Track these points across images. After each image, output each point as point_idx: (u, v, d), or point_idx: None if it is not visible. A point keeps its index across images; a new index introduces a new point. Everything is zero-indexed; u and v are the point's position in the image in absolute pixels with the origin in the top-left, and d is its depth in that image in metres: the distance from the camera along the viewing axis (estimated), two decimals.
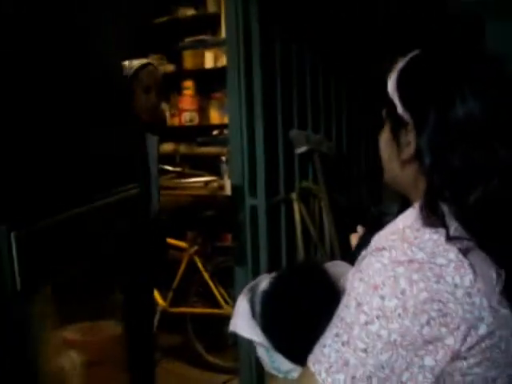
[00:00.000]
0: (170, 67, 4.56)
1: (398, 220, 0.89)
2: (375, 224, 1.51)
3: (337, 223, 2.61)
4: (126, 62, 2.44)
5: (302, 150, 2.37)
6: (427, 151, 0.88)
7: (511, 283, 0.83)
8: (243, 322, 0.98)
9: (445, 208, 0.85)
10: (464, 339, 0.80)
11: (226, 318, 3.83)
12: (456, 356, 0.81)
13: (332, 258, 2.54)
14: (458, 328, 0.79)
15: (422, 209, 0.86)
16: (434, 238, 0.82)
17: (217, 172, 4.32)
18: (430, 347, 0.80)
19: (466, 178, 0.85)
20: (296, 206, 2.38)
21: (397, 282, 0.80)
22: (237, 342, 3.50)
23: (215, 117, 4.47)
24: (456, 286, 0.79)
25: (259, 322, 0.97)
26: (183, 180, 4.02)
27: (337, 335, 0.84)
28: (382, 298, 0.81)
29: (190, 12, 4.35)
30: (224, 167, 3.68)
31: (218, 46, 3.00)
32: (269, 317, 0.97)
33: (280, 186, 2.31)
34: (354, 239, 1.37)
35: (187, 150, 4.38)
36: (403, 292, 0.80)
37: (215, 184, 3.99)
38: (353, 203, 2.91)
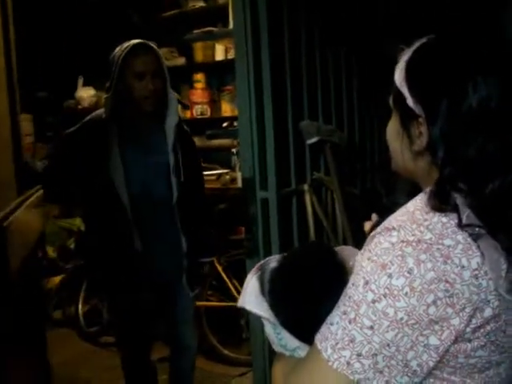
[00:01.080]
0: (181, 60, 4.56)
1: (409, 204, 0.90)
2: (388, 214, 1.50)
3: (349, 215, 2.58)
4: (119, 46, 2.29)
5: (312, 140, 2.33)
6: (440, 143, 0.87)
7: None
8: (251, 298, 0.98)
9: (456, 196, 0.85)
10: (469, 320, 0.81)
11: (240, 311, 3.83)
12: (460, 337, 0.81)
13: None
14: (464, 309, 0.80)
15: (431, 196, 0.85)
16: (443, 220, 0.83)
17: (229, 165, 4.31)
18: (436, 327, 0.81)
19: (482, 171, 0.84)
20: (308, 198, 2.36)
21: (404, 261, 0.81)
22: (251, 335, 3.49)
23: (227, 109, 4.47)
24: (463, 267, 0.80)
25: (267, 298, 0.97)
26: None
27: (344, 313, 0.85)
28: (390, 276, 0.81)
29: (200, 4, 4.34)
30: (235, 159, 3.66)
31: (226, 37, 2.97)
32: (277, 293, 0.96)
33: (291, 178, 2.29)
34: (368, 226, 1.39)
35: (199, 143, 4.36)
36: (411, 271, 0.80)
37: (227, 177, 3.98)
38: (366, 194, 2.88)
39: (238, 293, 3.62)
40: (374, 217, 1.43)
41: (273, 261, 1.03)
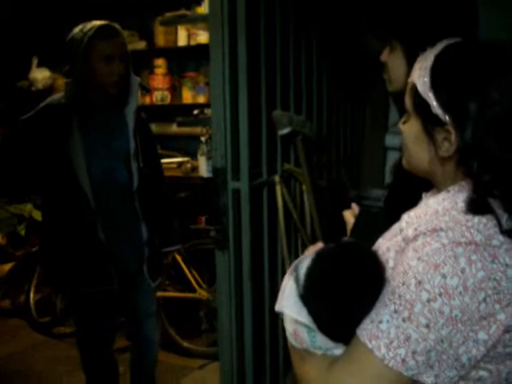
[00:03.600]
0: (142, 44, 4.44)
1: (433, 203, 0.95)
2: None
3: (317, 206, 2.57)
4: (78, 27, 2.17)
5: (285, 131, 2.30)
6: (473, 151, 0.90)
7: None
8: (289, 302, 0.97)
9: (492, 201, 0.88)
10: None
11: (200, 302, 3.77)
12: (506, 330, 0.87)
13: (313, 240, 2.50)
14: (509, 304, 0.85)
15: (470, 203, 0.89)
16: (483, 221, 0.88)
17: (189, 153, 4.23)
18: (484, 322, 0.86)
19: None
20: (278, 189, 2.33)
21: (457, 261, 0.85)
22: (212, 327, 3.45)
23: (187, 96, 4.39)
24: (507, 265, 0.86)
25: (305, 304, 0.96)
26: None
27: (395, 311, 0.88)
28: (444, 276, 0.85)
29: None
30: (204, 148, 3.58)
31: (197, 21, 2.90)
32: (316, 300, 0.95)
33: (263, 169, 2.25)
34: (349, 216, 1.40)
35: (160, 130, 4.27)
36: (463, 271, 0.85)
37: (189, 165, 3.91)
38: (332, 186, 2.88)
39: (197, 283, 3.57)
40: (355, 206, 1.45)
41: (306, 259, 0.99)
